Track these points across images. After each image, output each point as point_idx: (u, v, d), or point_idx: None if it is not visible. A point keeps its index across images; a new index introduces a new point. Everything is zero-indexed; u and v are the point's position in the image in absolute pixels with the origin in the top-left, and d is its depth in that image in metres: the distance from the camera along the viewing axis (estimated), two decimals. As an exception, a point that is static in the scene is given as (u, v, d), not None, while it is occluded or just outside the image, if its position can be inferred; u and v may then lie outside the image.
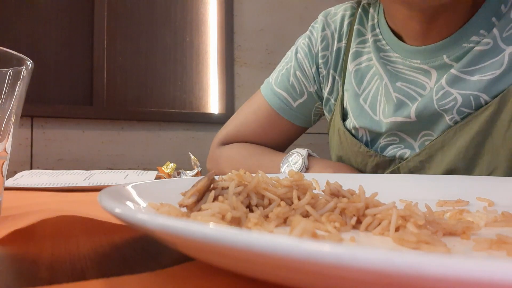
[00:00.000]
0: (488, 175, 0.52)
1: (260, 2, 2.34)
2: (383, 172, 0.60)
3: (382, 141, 0.60)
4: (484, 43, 0.50)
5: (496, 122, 0.50)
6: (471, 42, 0.51)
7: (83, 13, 2.05)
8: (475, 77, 0.50)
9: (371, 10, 0.63)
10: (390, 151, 0.59)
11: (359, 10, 0.64)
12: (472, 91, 0.51)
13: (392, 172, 0.59)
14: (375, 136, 0.61)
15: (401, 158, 0.58)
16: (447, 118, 0.53)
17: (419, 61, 0.54)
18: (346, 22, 0.65)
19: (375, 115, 0.60)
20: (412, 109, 0.55)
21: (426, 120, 0.55)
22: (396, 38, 0.58)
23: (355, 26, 0.63)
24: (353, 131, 0.63)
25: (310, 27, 0.70)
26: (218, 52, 2.28)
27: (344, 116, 0.65)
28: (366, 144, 0.62)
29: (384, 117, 0.59)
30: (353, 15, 0.65)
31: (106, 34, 2.06)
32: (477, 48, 0.50)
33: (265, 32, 2.34)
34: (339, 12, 0.66)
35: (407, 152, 0.58)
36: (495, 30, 0.50)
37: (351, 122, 0.63)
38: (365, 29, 0.63)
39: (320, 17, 0.68)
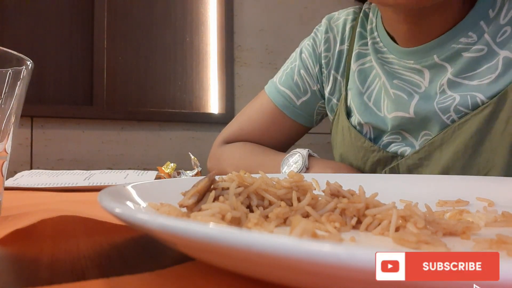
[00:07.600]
0: (485, 174, 0.52)
1: (260, 2, 2.33)
2: (382, 169, 0.61)
3: (385, 139, 0.62)
4: (478, 50, 0.52)
5: (494, 121, 0.51)
6: (460, 43, 0.53)
7: (83, 13, 2.05)
8: (475, 82, 0.53)
9: (370, 14, 0.66)
10: (392, 148, 0.61)
11: (361, 14, 0.67)
12: (470, 92, 0.53)
13: (392, 169, 0.60)
14: (379, 133, 0.62)
15: (402, 155, 0.59)
16: (444, 117, 0.54)
17: (412, 62, 0.57)
18: (348, 26, 0.67)
19: (380, 112, 0.62)
20: (411, 105, 0.57)
21: (424, 117, 0.56)
22: (392, 40, 0.60)
23: (357, 29, 0.66)
24: (357, 127, 0.64)
25: (314, 30, 0.72)
26: (218, 52, 2.28)
27: (348, 114, 0.66)
28: (370, 141, 0.63)
29: (388, 113, 0.60)
30: (355, 19, 0.67)
31: (106, 34, 2.06)
32: (473, 54, 0.53)
33: (265, 32, 2.34)
34: (341, 17, 0.69)
35: (408, 150, 0.59)
36: (487, 36, 0.52)
37: (356, 118, 0.64)
38: (366, 32, 0.65)
39: (324, 21, 0.71)
